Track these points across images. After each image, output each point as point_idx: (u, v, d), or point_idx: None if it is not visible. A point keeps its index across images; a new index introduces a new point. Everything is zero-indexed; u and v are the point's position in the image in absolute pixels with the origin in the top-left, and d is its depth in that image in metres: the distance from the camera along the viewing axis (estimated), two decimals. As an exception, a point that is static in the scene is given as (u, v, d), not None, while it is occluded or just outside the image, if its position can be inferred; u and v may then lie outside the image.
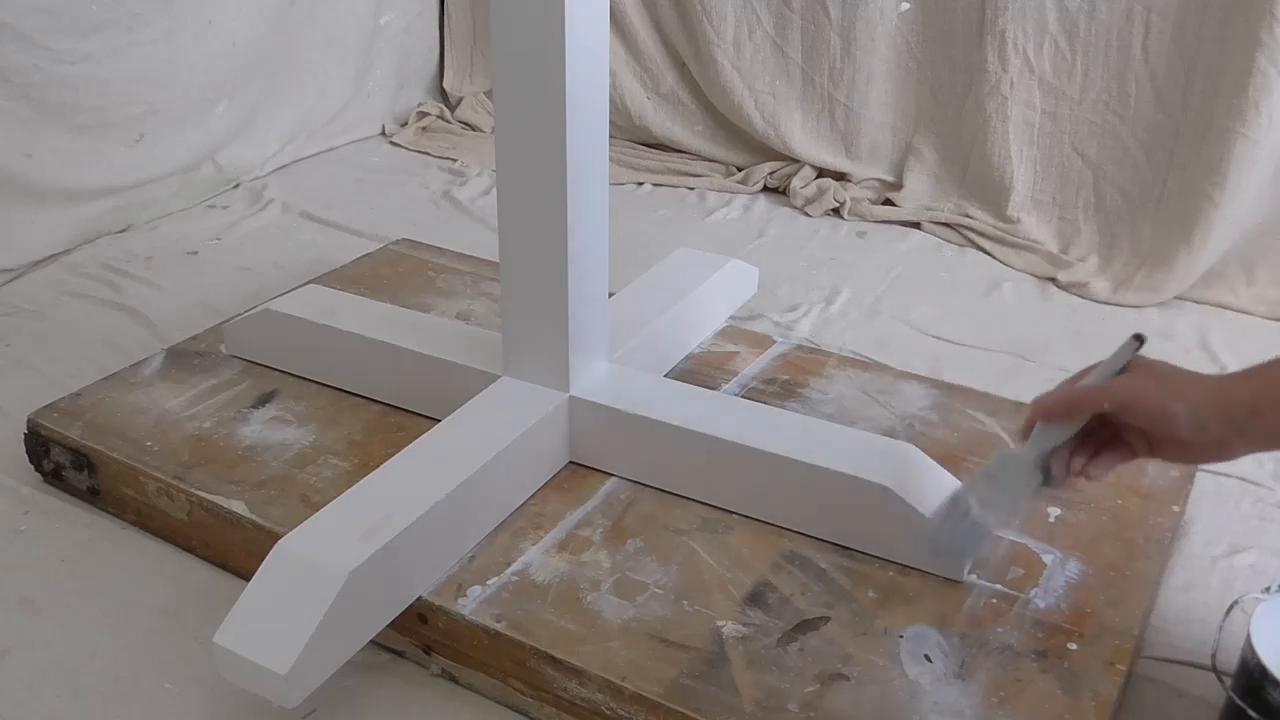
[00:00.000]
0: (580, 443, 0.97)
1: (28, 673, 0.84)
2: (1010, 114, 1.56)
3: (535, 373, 0.96)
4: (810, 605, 0.83)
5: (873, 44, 1.67)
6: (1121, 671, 0.77)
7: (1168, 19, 1.44)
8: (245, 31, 1.71)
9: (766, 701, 0.74)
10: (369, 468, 0.88)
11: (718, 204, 1.71)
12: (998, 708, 0.74)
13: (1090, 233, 1.53)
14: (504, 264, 0.94)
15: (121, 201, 1.57)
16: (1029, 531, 0.90)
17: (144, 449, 0.99)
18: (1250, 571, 0.95)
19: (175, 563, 0.96)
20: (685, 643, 0.79)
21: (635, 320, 1.08)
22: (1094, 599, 0.83)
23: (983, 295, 1.45)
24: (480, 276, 1.32)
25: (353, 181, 1.80)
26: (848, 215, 1.66)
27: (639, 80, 1.88)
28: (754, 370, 1.13)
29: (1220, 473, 1.07)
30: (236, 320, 1.14)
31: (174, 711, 0.81)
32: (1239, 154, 1.37)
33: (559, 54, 0.82)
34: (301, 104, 1.85)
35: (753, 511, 0.91)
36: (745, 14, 1.74)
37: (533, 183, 0.88)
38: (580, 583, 0.84)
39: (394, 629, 0.83)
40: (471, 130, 2.00)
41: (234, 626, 0.75)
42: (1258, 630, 0.72)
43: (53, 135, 1.47)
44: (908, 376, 1.12)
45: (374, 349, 1.04)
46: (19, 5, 1.39)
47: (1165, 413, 0.69)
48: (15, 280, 1.43)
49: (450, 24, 2.08)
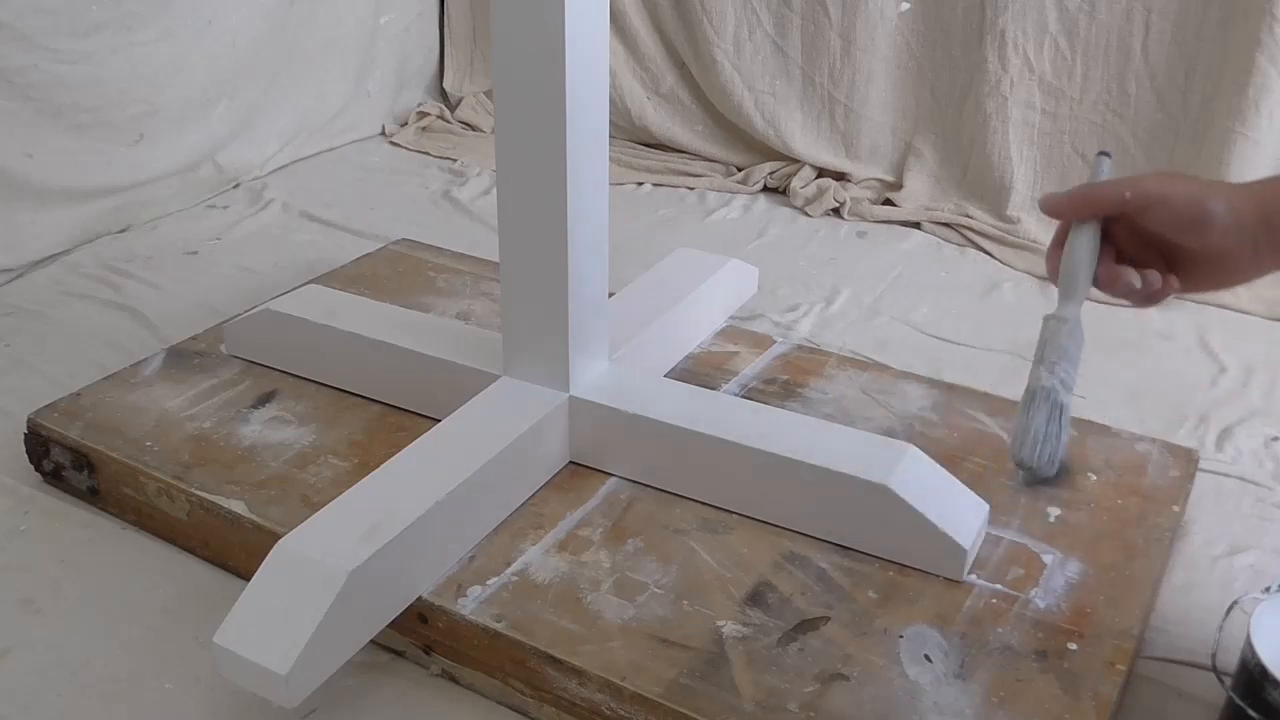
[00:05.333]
0: (580, 443, 0.97)
1: (28, 673, 0.84)
2: (1010, 114, 1.56)
3: (535, 373, 0.96)
4: (810, 605, 0.83)
5: (873, 44, 1.67)
6: (1121, 671, 0.77)
7: (1168, 19, 1.44)
8: (245, 31, 1.71)
9: (766, 701, 0.74)
10: (369, 468, 0.88)
11: (718, 204, 1.71)
12: (998, 708, 0.74)
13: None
14: (504, 264, 0.94)
15: (121, 201, 1.57)
16: (1029, 531, 0.90)
17: (144, 449, 0.99)
18: (1250, 571, 0.95)
19: (175, 563, 0.96)
20: (685, 643, 0.79)
21: (635, 320, 1.08)
22: (1094, 599, 0.83)
23: (983, 295, 1.45)
24: (480, 276, 1.32)
25: (353, 181, 1.80)
26: (848, 215, 1.66)
27: (639, 80, 1.88)
28: (754, 370, 1.13)
29: (1220, 473, 1.07)
30: (236, 320, 1.14)
31: (174, 711, 0.81)
32: (1239, 154, 1.37)
33: (559, 54, 0.82)
34: (301, 104, 1.85)
35: (753, 511, 0.91)
36: (745, 14, 1.74)
37: (533, 183, 0.88)
38: (580, 583, 0.84)
39: (394, 629, 0.83)
40: (471, 130, 2.00)
41: (234, 626, 0.75)
42: (1258, 630, 0.72)
43: (53, 135, 1.47)
44: (908, 376, 1.12)
45: (374, 349, 1.05)
46: (19, 5, 1.39)
47: (1202, 210, 0.61)
48: (15, 280, 1.43)
49: (450, 24, 2.08)
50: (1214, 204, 0.61)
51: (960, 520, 0.85)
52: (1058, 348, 0.69)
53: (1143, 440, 1.02)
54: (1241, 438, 1.14)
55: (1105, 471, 0.97)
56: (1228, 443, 1.13)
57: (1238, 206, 0.61)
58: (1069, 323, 0.69)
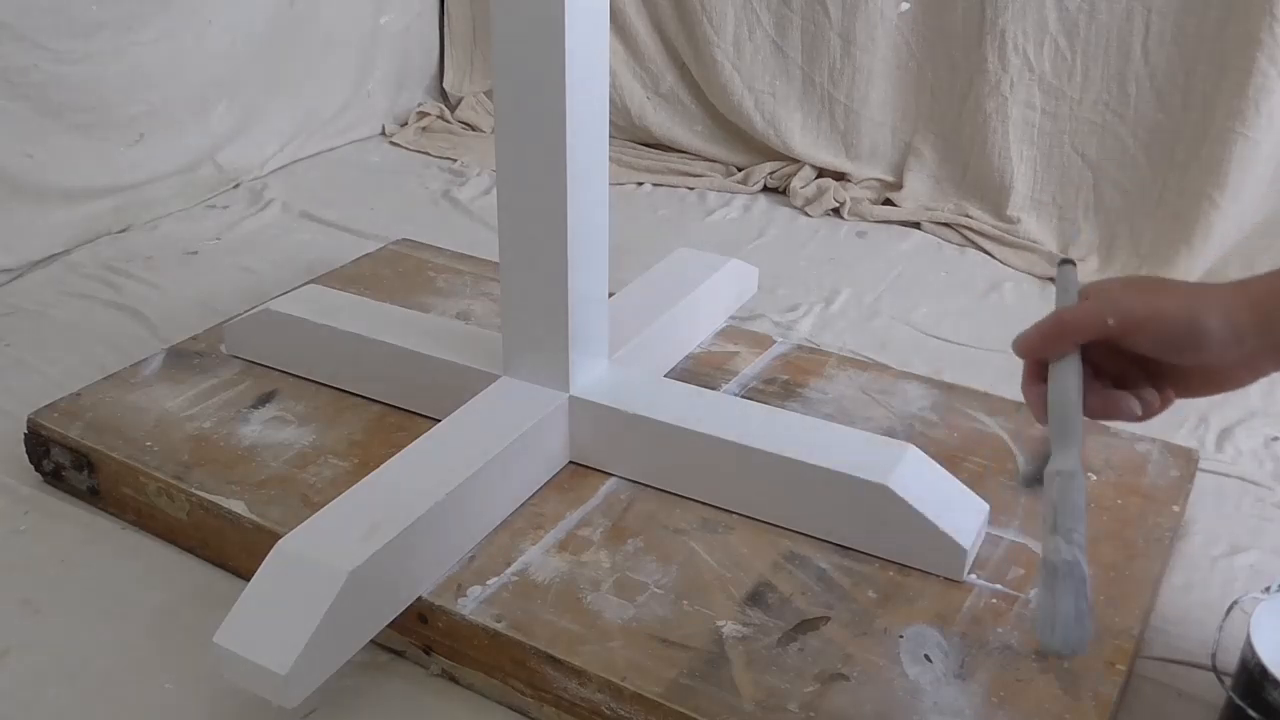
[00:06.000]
0: (580, 443, 0.97)
1: (28, 673, 0.84)
2: (1010, 114, 1.56)
3: (535, 373, 0.96)
4: (810, 605, 0.83)
5: (873, 44, 1.67)
6: (1121, 671, 0.77)
7: (1168, 19, 1.44)
8: (245, 31, 1.71)
9: (766, 701, 0.74)
10: (369, 468, 0.88)
11: (718, 204, 1.71)
12: (998, 708, 0.74)
13: (1090, 233, 1.53)
14: (504, 264, 0.94)
15: (121, 201, 1.57)
16: (1028, 531, 0.90)
17: (144, 449, 0.99)
18: (1250, 571, 0.95)
19: (175, 563, 0.96)
20: (685, 643, 0.79)
21: (635, 320, 1.08)
22: (1094, 599, 0.83)
23: (983, 295, 1.45)
24: (480, 276, 1.32)
25: (353, 181, 1.80)
26: (848, 215, 1.66)
27: (639, 80, 1.88)
28: (754, 370, 1.13)
29: (1220, 473, 1.07)
30: (236, 320, 1.14)
31: (174, 711, 0.81)
32: (1239, 154, 1.37)
33: (559, 54, 0.82)
34: (301, 104, 1.85)
35: (753, 511, 0.91)
36: (745, 14, 1.74)
37: (533, 183, 0.88)
38: (580, 583, 0.84)
39: (394, 629, 0.83)
40: (471, 130, 2.00)
41: (234, 626, 0.75)
42: (1258, 630, 0.72)
43: (53, 135, 1.47)
44: (908, 376, 1.12)
45: (374, 349, 1.04)
46: (19, 5, 1.39)
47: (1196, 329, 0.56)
48: (15, 280, 1.43)
49: (450, 24, 2.08)
50: (1208, 320, 0.56)
51: (960, 520, 0.85)
52: (1069, 508, 0.60)
53: (1143, 440, 1.02)
54: (1241, 438, 1.14)
55: (1105, 471, 0.97)
56: (1228, 443, 1.13)
57: (1234, 317, 0.56)
58: (1076, 476, 0.61)
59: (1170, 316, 0.57)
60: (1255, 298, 0.56)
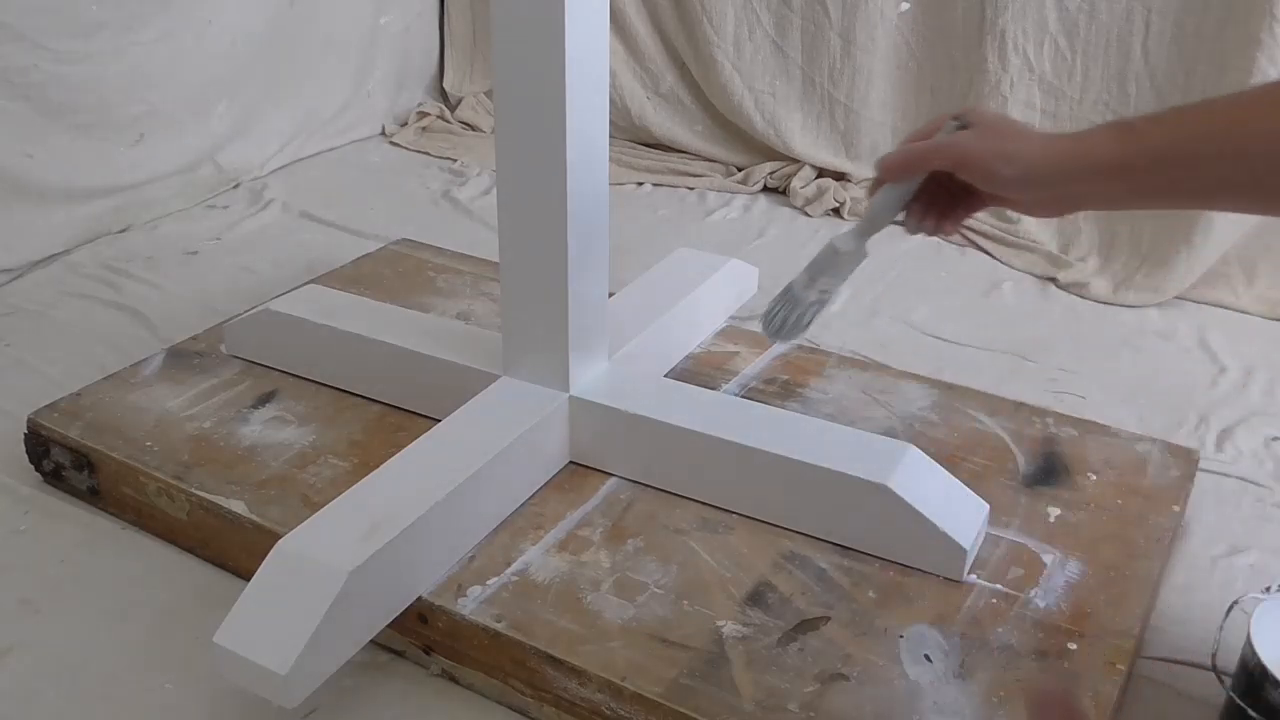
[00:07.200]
0: (580, 443, 0.97)
1: (28, 673, 0.84)
2: (1010, 114, 1.56)
3: (535, 373, 0.96)
4: (810, 605, 0.83)
5: (873, 44, 1.67)
6: (1121, 671, 0.77)
7: (1168, 19, 1.44)
8: (245, 31, 1.71)
9: (766, 701, 0.74)
10: (369, 468, 0.88)
11: (718, 204, 1.71)
12: (998, 708, 0.74)
13: (1090, 233, 1.53)
14: (504, 264, 0.94)
15: (121, 201, 1.57)
16: (1029, 531, 0.90)
17: (144, 449, 0.99)
18: (1250, 571, 0.95)
19: (175, 563, 0.96)
20: (685, 643, 0.79)
21: (635, 320, 1.08)
22: (1094, 599, 0.83)
23: (983, 295, 1.45)
24: (480, 276, 1.32)
25: (352, 181, 1.80)
26: (848, 215, 1.66)
27: (639, 80, 1.88)
28: (754, 370, 1.13)
29: (1220, 473, 1.07)
30: (236, 320, 1.14)
31: (174, 711, 0.81)
32: (1239, 154, 1.37)
33: (559, 54, 0.82)
34: (301, 104, 1.85)
35: (753, 511, 0.91)
36: (745, 14, 1.74)
37: (533, 183, 0.88)
38: (580, 583, 0.84)
39: (394, 629, 0.83)
40: (471, 130, 2.00)
41: (234, 626, 0.75)
42: (1258, 630, 0.72)
43: (53, 135, 1.47)
44: (908, 376, 1.12)
45: (374, 349, 1.04)
46: (19, 5, 1.39)
47: (993, 173, 0.70)
48: (15, 280, 1.43)
49: (450, 24, 2.08)
50: (1004, 169, 0.69)
51: (960, 520, 0.85)
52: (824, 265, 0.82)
53: (1143, 440, 1.02)
54: (1241, 438, 1.14)
55: (1105, 471, 0.97)
56: (1228, 443, 1.13)
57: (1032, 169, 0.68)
58: (846, 253, 0.81)
59: (976, 161, 0.70)
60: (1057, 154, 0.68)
